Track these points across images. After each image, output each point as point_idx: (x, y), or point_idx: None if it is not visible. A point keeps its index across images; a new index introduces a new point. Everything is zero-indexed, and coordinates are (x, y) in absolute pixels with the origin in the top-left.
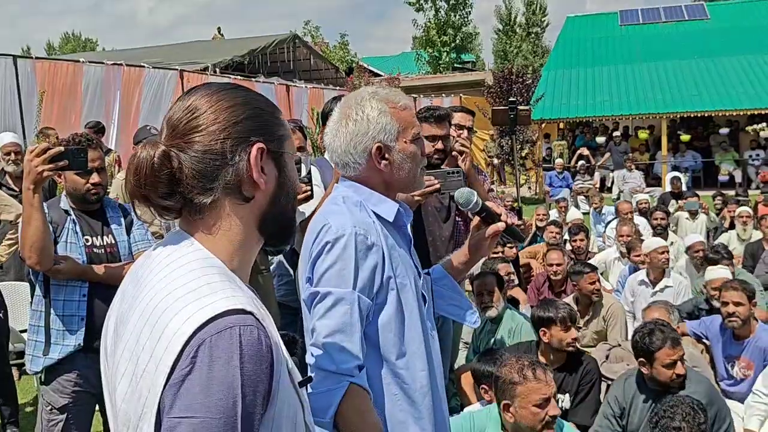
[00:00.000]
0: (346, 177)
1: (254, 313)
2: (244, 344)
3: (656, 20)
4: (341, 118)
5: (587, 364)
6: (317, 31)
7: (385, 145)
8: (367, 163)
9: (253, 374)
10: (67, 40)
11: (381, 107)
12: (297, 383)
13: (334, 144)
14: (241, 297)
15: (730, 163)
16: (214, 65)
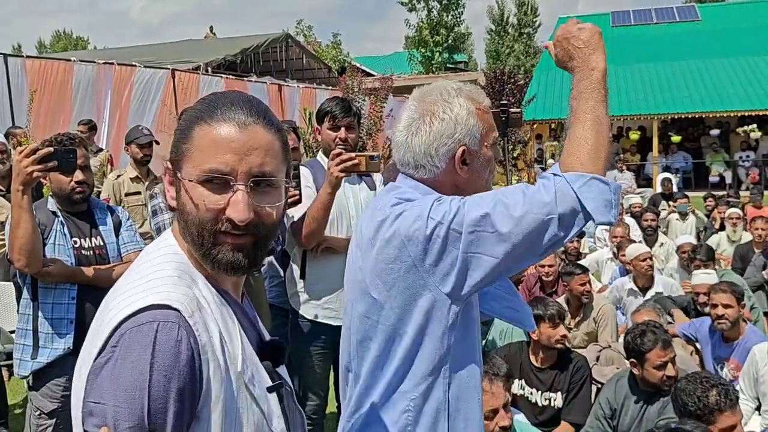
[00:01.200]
0: (414, 178)
1: (181, 310)
2: (159, 339)
3: (648, 21)
4: (423, 115)
5: (577, 362)
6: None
7: (469, 149)
8: (446, 167)
9: (164, 369)
10: (59, 39)
11: (469, 107)
12: (266, 389)
13: (413, 143)
14: (176, 294)
15: (721, 165)
16: (206, 64)
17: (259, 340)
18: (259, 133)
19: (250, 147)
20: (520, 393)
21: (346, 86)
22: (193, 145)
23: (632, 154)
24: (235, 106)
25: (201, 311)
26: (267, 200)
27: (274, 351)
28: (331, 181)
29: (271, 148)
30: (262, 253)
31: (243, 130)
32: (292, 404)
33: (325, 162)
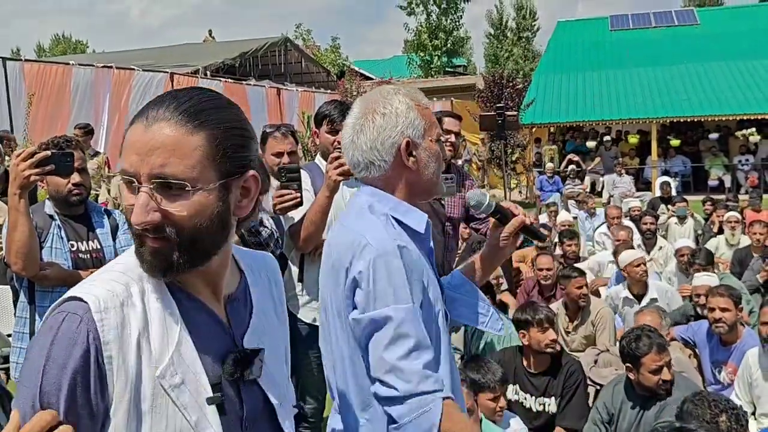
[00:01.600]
0: (368, 181)
1: (90, 304)
2: (61, 329)
3: (646, 25)
4: (366, 113)
5: (570, 366)
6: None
7: (413, 141)
8: (394, 160)
9: (58, 358)
10: (58, 42)
11: (408, 102)
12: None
13: (359, 140)
14: (98, 289)
15: (720, 168)
16: (204, 68)
17: (233, 347)
18: (163, 132)
19: (151, 147)
20: (515, 398)
21: (345, 90)
22: None
23: (631, 158)
24: (155, 103)
25: (123, 308)
26: (174, 202)
27: (238, 361)
28: (329, 185)
29: (178, 147)
30: (183, 257)
31: (147, 129)
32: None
33: (323, 165)
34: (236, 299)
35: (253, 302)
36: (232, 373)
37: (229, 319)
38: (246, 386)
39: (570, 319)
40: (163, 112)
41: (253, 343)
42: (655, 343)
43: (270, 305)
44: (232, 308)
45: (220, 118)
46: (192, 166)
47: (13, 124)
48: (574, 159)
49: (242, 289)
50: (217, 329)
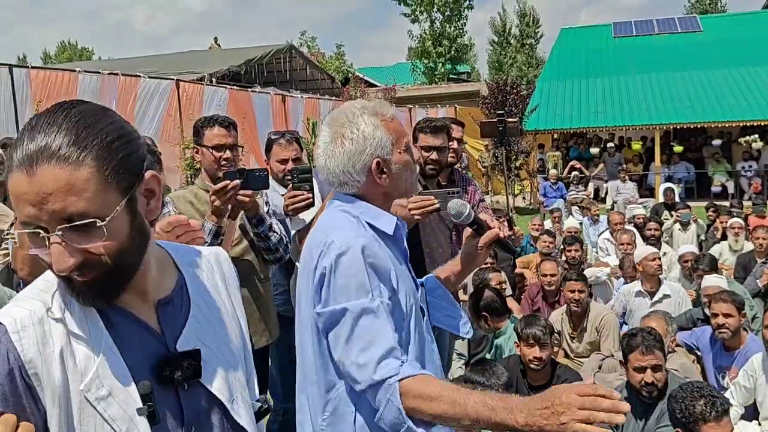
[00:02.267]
0: (343, 193)
1: (6, 325)
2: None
3: (650, 32)
4: (335, 138)
5: (563, 381)
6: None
7: (383, 159)
8: (367, 179)
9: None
10: (64, 49)
11: (374, 122)
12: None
13: (330, 164)
14: (16, 309)
15: (723, 174)
16: (210, 75)
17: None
18: (50, 175)
19: (44, 194)
20: None
21: (350, 97)
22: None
23: (634, 165)
24: (26, 143)
25: (42, 324)
26: (92, 238)
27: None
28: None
29: (72, 185)
30: (116, 280)
31: (32, 177)
32: None
33: None
34: (170, 302)
35: (192, 300)
36: (162, 378)
37: (161, 324)
38: (188, 389)
39: (575, 325)
40: (39, 154)
41: (190, 344)
42: (644, 343)
43: (217, 299)
44: (165, 312)
45: (98, 137)
46: (92, 199)
47: (19, 131)
48: (577, 165)
49: (178, 290)
50: (147, 336)
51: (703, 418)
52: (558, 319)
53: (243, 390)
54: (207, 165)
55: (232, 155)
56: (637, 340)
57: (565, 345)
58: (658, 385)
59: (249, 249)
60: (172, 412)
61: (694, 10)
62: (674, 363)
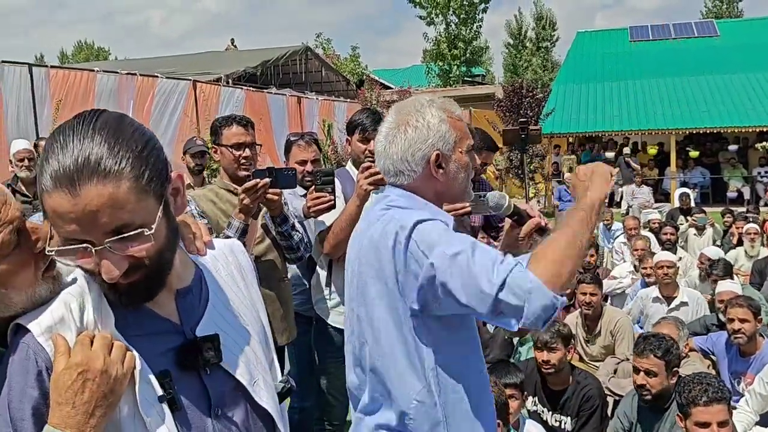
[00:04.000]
0: (396, 185)
1: (32, 330)
2: (14, 358)
3: (666, 37)
4: (399, 125)
5: (588, 391)
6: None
7: (443, 153)
8: (423, 171)
9: (17, 384)
10: (80, 49)
11: (441, 115)
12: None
13: (390, 150)
14: (41, 314)
15: (739, 180)
16: (227, 76)
17: (184, 340)
18: (94, 192)
19: (90, 212)
20: (533, 409)
21: (366, 99)
22: (47, 212)
23: (650, 169)
24: (62, 155)
25: (63, 324)
26: (136, 245)
27: (186, 350)
28: (360, 194)
29: (115, 199)
30: (157, 280)
31: (75, 197)
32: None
33: (353, 172)
34: (189, 292)
35: (210, 290)
36: (184, 364)
37: (180, 313)
38: (211, 374)
39: (589, 328)
40: (78, 172)
41: (209, 330)
42: (642, 346)
43: (234, 288)
44: (184, 301)
45: (129, 148)
46: (135, 210)
47: (38, 130)
48: None
49: (197, 280)
50: (165, 326)
51: (694, 402)
52: (572, 322)
53: (265, 373)
54: (226, 164)
55: (251, 153)
56: (642, 344)
57: (579, 348)
58: (651, 390)
59: (271, 248)
60: (197, 395)
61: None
62: (689, 368)
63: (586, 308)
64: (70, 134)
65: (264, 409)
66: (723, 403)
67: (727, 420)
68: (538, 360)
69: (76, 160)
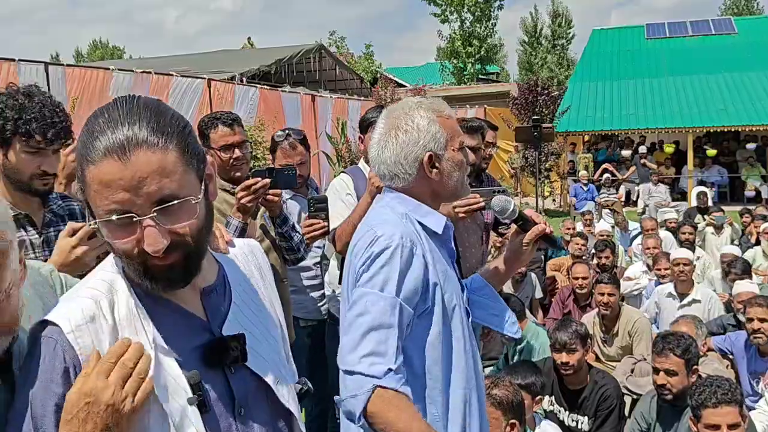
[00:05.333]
0: (393, 188)
1: (62, 326)
2: (40, 353)
3: (683, 34)
4: (389, 129)
5: (606, 391)
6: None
7: (435, 153)
8: (418, 172)
9: (41, 380)
10: (95, 48)
11: (430, 116)
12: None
13: (384, 155)
14: (68, 309)
15: (757, 179)
16: (241, 74)
17: (211, 338)
18: (144, 159)
19: (140, 178)
20: (550, 409)
21: (380, 97)
22: (88, 186)
23: (667, 168)
24: (110, 131)
25: (94, 322)
26: (179, 218)
27: (215, 348)
28: (372, 192)
29: (163, 167)
30: (195, 262)
31: (126, 162)
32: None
33: (366, 170)
34: (213, 290)
35: (232, 289)
36: (210, 361)
37: (206, 312)
38: (235, 373)
39: (606, 328)
40: (128, 142)
41: (234, 329)
42: (661, 346)
43: (255, 290)
44: (209, 300)
45: (173, 124)
46: (180, 181)
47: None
48: (610, 168)
49: (220, 279)
50: (194, 325)
51: (704, 404)
52: (590, 322)
53: (287, 373)
54: (218, 167)
55: (241, 153)
56: (661, 343)
57: (596, 348)
58: (672, 390)
59: (271, 249)
60: (222, 395)
61: (728, 12)
62: (707, 368)
63: (604, 308)
64: (115, 112)
65: (286, 409)
66: (734, 405)
67: (738, 422)
68: (557, 361)
69: (125, 132)
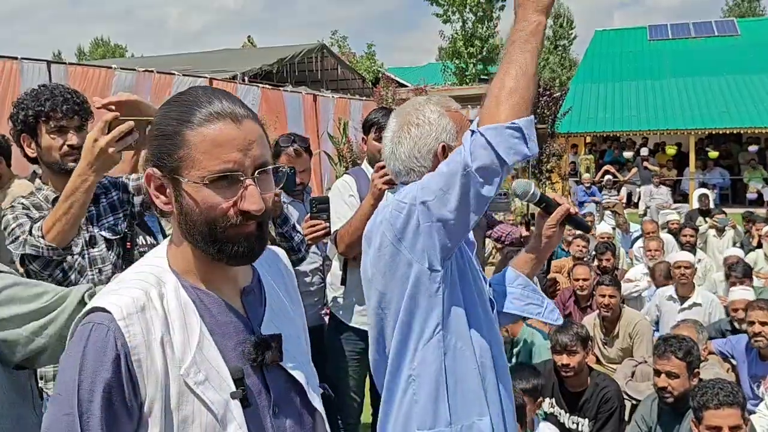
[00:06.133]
0: (408, 183)
1: (114, 313)
2: (90, 339)
3: (686, 36)
4: (402, 125)
5: (606, 393)
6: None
7: (447, 144)
8: (432, 164)
9: (90, 368)
10: (97, 46)
11: (439, 110)
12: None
13: (398, 151)
14: (118, 297)
15: (759, 181)
16: (243, 73)
17: (252, 337)
18: (252, 126)
19: (250, 141)
20: (550, 411)
21: (382, 97)
22: (192, 149)
23: (668, 170)
24: (217, 101)
25: (144, 312)
26: (267, 187)
27: (258, 345)
28: (375, 193)
29: (262, 137)
30: (264, 239)
31: (239, 126)
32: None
33: (369, 171)
34: (251, 291)
35: (266, 292)
36: (254, 358)
37: (247, 311)
38: (270, 371)
39: (607, 330)
40: (238, 110)
41: (271, 330)
42: (663, 348)
43: (284, 294)
44: (248, 300)
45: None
46: (269, 153)
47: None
48: (611, 170)
49: (256, 281)
50: (237, 322)
51: (706, 405)
52: (590, 324)
53: (312, 375)
54: None
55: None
56: (662, 345)
57: (597, 350)
58: (673, 393)
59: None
60: (260, 392)
61: (731, 14)
62: (708, 372)
63: (605, 310)
64: (201, 92)
65: (314, 409)
66: (735, 408)
67: (740, 425)
68: (558, 363)
69: (227, 104)
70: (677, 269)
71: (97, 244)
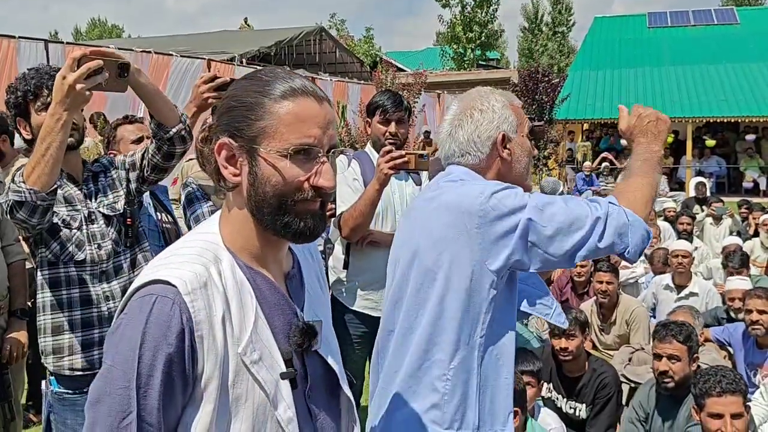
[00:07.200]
0: (461, 164)
1: (179, 287)
2: (154, 311)
3: (685, 23)
4: (465, 110)
5: (604, 378)
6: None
7: (507, 135)
8: (490, 151)
9: (153, 339)
10: (94, 26)
11: (503, 101)
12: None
13: (458, 134)
14: (182, 271)
15: (755, 170)
16: (241, 55)
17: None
18: (330, 109)
19: (329, 121)
20: (548, 396)
21: (381, 81)
22: (275, 120)
23: (665, 157)
24: (299, 79)
25: (207, 288)
26: (334, 168)
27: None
28: (380, 178)
29: (336, 121)
30: (326, 216)
31: (321, 105)
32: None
33: (373, 155)
34: (293, 276)
35: (304, 277)
36: (300, 344)
37: (291, 295)
38: (309, 357)
39: (604, 317)
40: (319, 91)
41: (311, 315)
42: (663, 332)
43: (315, 280)
44: (291, 284)
45: None
46: None
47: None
48: (609, 157)
49: (297, 267)
50: (284, 305)
51: (708, 393)
52: (587, 310)
53: (341, 365)
54: None
55: None
56: (662, 330)
57: (594, 337)
58: (674, 377)
59: None
60: (301, 376)
61: (731, 2)
62: (705, 358)
63: (602, 296)
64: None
65: (348, 397)
66: (737, 395)
67: (741, 412)
68: (556, 347)
69: (309, 84)
70: (675, 258)
71: (96, 220)
